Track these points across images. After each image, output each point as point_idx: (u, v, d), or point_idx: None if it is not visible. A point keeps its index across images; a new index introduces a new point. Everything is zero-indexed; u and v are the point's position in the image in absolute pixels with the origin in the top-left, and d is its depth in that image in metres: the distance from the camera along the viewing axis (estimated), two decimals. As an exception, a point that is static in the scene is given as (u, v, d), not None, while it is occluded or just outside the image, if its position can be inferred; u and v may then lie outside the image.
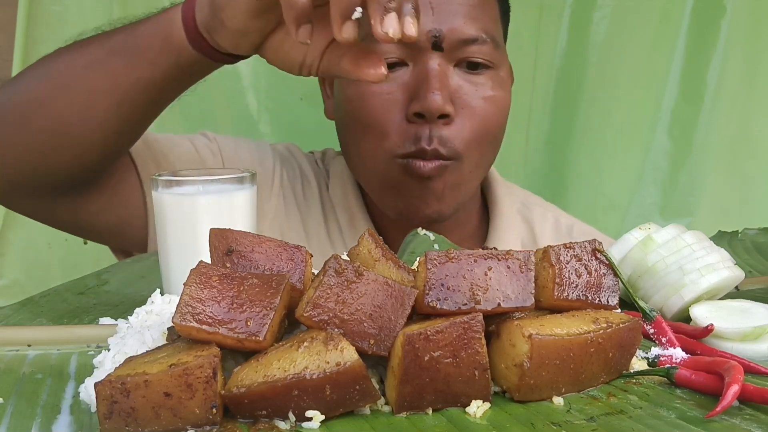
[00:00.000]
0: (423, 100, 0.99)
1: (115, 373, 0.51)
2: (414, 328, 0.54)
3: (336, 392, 0.52)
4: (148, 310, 0.67)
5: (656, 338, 0.67)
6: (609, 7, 1.65)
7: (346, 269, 0.56)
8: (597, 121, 1.70)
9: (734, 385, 0.54)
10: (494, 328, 0.58)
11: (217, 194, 0.80)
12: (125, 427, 0.50)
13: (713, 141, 1.69)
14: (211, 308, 0.54)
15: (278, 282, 0.56)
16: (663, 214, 1.72)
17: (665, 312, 0.77)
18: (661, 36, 1.67)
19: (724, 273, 0.76)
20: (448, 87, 1.02)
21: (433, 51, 1.01)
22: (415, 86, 1.02)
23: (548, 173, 1.75)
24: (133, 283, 0.92)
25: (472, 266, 0.58)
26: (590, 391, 0.58)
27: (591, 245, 0.64)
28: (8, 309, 0.80)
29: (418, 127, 1.01)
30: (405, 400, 0.54)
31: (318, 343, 0.52)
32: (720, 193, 1.71)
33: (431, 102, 0.98)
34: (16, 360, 0.67)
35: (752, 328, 0.67)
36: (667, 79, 1.68)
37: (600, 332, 0.57)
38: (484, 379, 0.54)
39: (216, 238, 0.62)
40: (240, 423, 0.53)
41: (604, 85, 1.68)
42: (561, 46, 1.69)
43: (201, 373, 0.51)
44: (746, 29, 1.64)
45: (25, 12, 1.44)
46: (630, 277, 0.80)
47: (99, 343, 0.70)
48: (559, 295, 0.61)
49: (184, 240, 0.79)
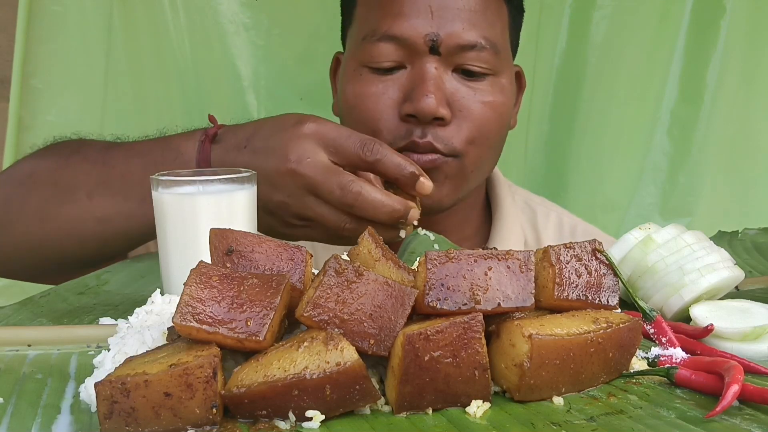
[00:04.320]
0: (416, 102, 1.00)
1: (115, 373, 0.51)
2: (414, 328, 0.54)
3: (336, 392, 0.52)
4: (148, 310, 0.67)
5: (656, 338, 0.67)
6: (609, 7, 1.65)
7: (346, 269, 0.56)
8: (596, 121, 1.70)
9: (734, 385, 0.54)
10: (494, 328, 0.58)
11: (217, 194, 0.80)
12: (125, 427, 0.50)
13: (713, 141, 1.69)
14: (211, 308, 0.54)
15: (278, 282, 0.56)
16: (663, 214, 1.72)
17: (665, 312, 0.77)
18: (661, 36, 1.67)
19: (724, 273, 0.76)
20: (444, 90, 1.02)
21: (430, 54, 1.02)
22: (410, 88, 1.02)
23: (548, 173, 1.75)
24: (133, 283, 0.92)
25: (472, 266, 0.58)
26: (590, 391, 0.58)
27: (591, 245, 0.64)
28: (8, 309, 0.80)
29: (410, 125, 1.02)
30: (405, 400, 0.54)
31: (318, 343, 0.52)
32: (720, 193, 1.71)
33: (424, 104, 0.99)
34: (16, 360, 0.66)
35: (752, 328, 0.67)
36: (666, 79, 1.68)
37: (600, 332, 0.57)
38: (484, 379, 0.54)
39: (216, 238, 0.62)
40: (240, 423, 0.53)
41: (604, 85, 1.68)
42: (561, 46, 1.69)
43: (201, 373, 0.51)
44: (746, 29, 1.64)
45: (25, 12, 1.44)
46: (630, 277, 0.80)
47: (99, 343, 0.70)
48: (559, 295, 0.61)
49: (184, 240, 0.79)
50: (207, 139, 0.93)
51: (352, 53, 1.09)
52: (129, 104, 1.52)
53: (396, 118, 1.03)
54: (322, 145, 0.88)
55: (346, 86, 1.08)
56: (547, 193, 1.58)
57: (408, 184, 0.90)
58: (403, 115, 1.02)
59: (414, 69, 1.03)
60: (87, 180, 0.95)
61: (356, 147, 0.88)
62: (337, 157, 0.88)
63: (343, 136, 0.88)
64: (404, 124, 1.03)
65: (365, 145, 0.88)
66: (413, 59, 1.03)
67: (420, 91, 1.00)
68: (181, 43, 1.56)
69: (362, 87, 1.04)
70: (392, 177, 0.89)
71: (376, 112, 1.04)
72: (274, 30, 1.60)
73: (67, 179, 0.96)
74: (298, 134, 0.88)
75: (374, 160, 0.88)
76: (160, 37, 1.54)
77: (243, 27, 1.59)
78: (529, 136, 1.72)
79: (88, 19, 1.48)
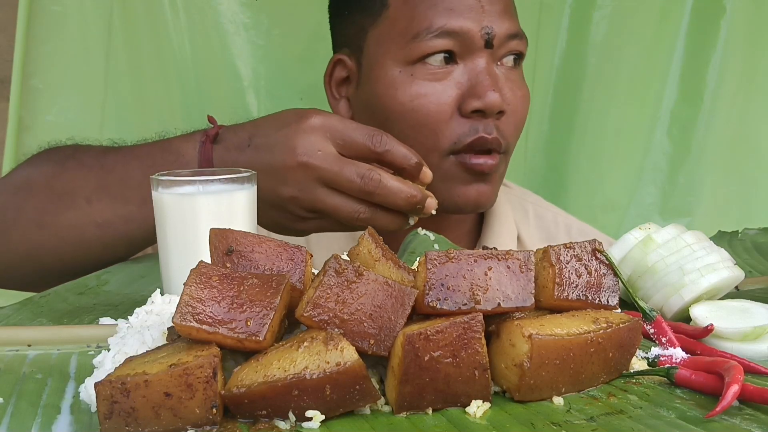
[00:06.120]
0: (484, 98, 1.01)
1: (115, 373, 0.51)
2: (414, 328, 0.54)
3: (336, 392, 0.52)
4: (148, 310, 0.67)
5: (656, 338, 0.67)
6: (609, 7, 1.65)
7: (346, 269, 0.56)
8: (596, 122, 1.70)
9: (734, 385, 0.54)
10: (494, 328, 0.58)
11: (217, 194, 0.80)
12: (125, 427, 0.50)
13: (713, 141, 1.69)
14: (211, 308, 0.54)
15: (278, 282, 0.56)
16: (663, 214, 1.72)
17: (665, 312, 0.77)
18: (661, 36, 1.67)
19: (724, 273, 0.76)
20: (501, 85, 1.04)
21: (485, 48, 1.04)
22: (468, 85, 1.03)
23: (548, 173, 1.75)
24: (133, 283, 0.92)
25: (472, 266, 0.58)
26: (590, 391, 0.58)
27: (591, 245, 0.64)
28: (8, 309, 0.80)
29: (474, 122, 1.03)
30: (405, 400, 0.54)
31: (318, 343, 0.52)
32: (719, 193, 1.71)
33: (493, 99, 1.01)
34: (16, 360, 0.66)
35: (752, 328, 0.67)
36: (666, 79, 1.68)
37: (600, 332, 0.57)
38: (484, 379, 0.54)
39: (216, 238, 0.62)
40: (240, 423, 0.53)
41: (604, 85, 1.68)
42: (561, 46, 1.69)
43: (201, 373, 0.51)
44: (746, 29, 1.64)
45: (25, 12, 1.44)
46: (630, 277, 0.80)
47: (99, 343, 0.69)
48: (559, 295, 0.61)
49: (184, 240, 0.79)
50: (208, 140, 0.93)
51: (391, 54, 1.06)
52: (129, 104, 1.52)
53: (456, 115, 1.04)
54: (330, 137, 0.89)
55: (392, 91, 1.05)
56: (547, 193, 1.58)
57: (414, 174, 0.92)
58: (468, 112, 1.02)
59: (469, 64, 1.04)
60: (85, 185, 0.95)
61: (365, 138, 0.90)
62: (345, 148, 0.90)
63: (350, 127, 0.90)
64: (468, 121, 1.03)
65: (373, 136, 0.90)
66: (465, 55, 1.04)
67: (485, 86, 1.01)
68: (181, 43, 1.56)
69: (418, 88, 1.03)
70: (399, 166, 0.92)
71: (438, 113, 1.03)
72: (274, 30, 1.60)
73: (63, 185, 0.96)
74: (304, 128, 0.89)
75: (383, 151, 0.90)
76: (160, 37, 1.54)
77: (243, 27, 1.59)
78: (529, 136, 1.72)
79: (88, 19, 1.48)
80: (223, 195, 0.80)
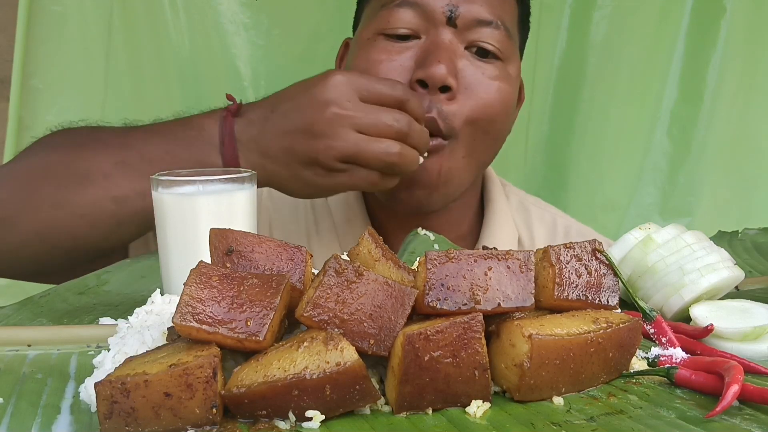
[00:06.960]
0: (428, 68, 1.00)
1: (115, 373, 0.51)
2: (414, 328, 0.54)
3: (336, 392, 0.52)
4: (148, 310, 0.67)
5: (656, 338, 0.67)
6: (609, 7, 1.65)
7: (346, 269, 0.56)
8: (596, 122, 1.70)
9: (734, 385, 0.54)
10: (494, 328, 0.58)
11: (217, 194, 0.80)
12: (125, 427, 0.50)
13: (713, 141, 1.69)
14: (211, 308, 0.54)
15: (278, 282, 0.56)
16: (663, 214, 1.72)
17: (665, 312, 0.77)
18: (661, 36, 1.67)
19: (724, 273, 0.76)
20: (454, 62, 1.03)
21: (446, 26, 1.03)
22: (423, 57, 1.03)
23: (548, 173, 1.75)
24: (133, 283, 0.92)
25: (472, 266, 0.58)
26: (590, 391, 0.58)
27: (591, 245, 0.64)
28: (8, 309, 0.80)
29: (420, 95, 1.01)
30: (405, 400, 0.54)
31: (318, 343, 0.52)
32: (719, 193, 1.71)
33: (436, 70, 1.00)
34: (16, 360, 0.66)
35: (752, 328, 0.67)
36: (666, 79, 1.68)
37: (600, 332, 0.57)
38: (484, 379, 0.54)
39: (216, 238, 0.62)
40: (240, 423, 0.53)
41: (604, 85, 1.68)
42: (561, 46, 1.69)
43: (201, 373, 0.51)
44: (746, 29, 1.64)
45: (25, 12, 1.44)
46: (630, 277, 0.80)
47: (99, 343, 0.69)
48: (559, 295, 0.61)
49: (184, 240, 0.79)
50: (229, 114, 0.96)
51: (369, 22, 1.09)
52: (129, 104, 1.52)
53: None
54: (355, 89, 0.94)
55: (358, 53, 1.08)
56: (547, 193, 1.58)
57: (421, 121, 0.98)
58: (413, 81, 1.02)
59: (428, 39, 1.04)
60: (104, 162, 0.95)
61: (388, 88, 0.95)
62: (370, 98, 0.95)
63: (372, 79, 0.96)
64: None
65: (395, 87, 0.96)
66: (429, 29, 1.04)
67: (433, 57, 1.01)
68: (181, 43, 1.56)
69: (376, 53, 1.05)
70: (417, 117, 0.96)
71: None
72: (274, 30, 1.60)
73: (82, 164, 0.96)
74: (329, 85, 0.93)
75: (406, 99, 0.95)
76: (160, 37, 1.55)
77: (243, 27, 1.59)
78: (529, 136, 1.72)
79: (88, 19, 1.48)
80: (223, 195, 0.80)
